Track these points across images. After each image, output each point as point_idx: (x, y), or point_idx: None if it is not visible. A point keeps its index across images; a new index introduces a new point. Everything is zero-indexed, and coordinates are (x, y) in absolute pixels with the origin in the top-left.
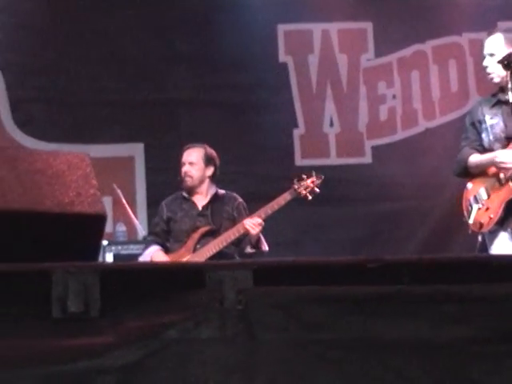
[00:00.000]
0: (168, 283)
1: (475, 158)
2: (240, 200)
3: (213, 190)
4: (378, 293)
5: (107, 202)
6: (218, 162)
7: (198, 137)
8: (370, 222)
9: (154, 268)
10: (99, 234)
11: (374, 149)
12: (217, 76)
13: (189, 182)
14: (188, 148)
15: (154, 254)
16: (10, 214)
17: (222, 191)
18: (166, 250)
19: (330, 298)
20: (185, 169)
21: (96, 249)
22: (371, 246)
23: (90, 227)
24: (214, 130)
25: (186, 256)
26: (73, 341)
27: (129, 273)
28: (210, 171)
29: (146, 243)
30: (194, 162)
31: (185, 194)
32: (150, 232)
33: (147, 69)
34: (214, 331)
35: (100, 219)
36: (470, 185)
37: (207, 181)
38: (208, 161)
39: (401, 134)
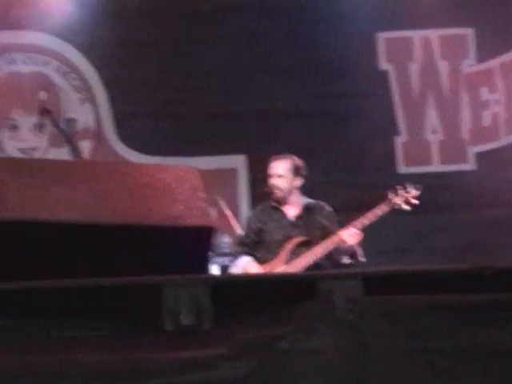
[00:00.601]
0: (278, 294)
1: None
2: (329, 209)
3: (302, 200)
4: (491, 301)
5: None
6: (305, 171)
7: (300, 146)
8: (474, 228)
9: (264, 279)
10: (208, 246)
11: (478, 155)
12: (317, 85)
13: (278, 194)
14: (275, 160)
15: (246, 264)
16: (120, 227)
17: (310, 201)
18: (257, 261)
19: (441, 307)
20: (273, 181)
21: (205, 261)
22: (475, 253)
23: (199, 240)
24: (316, 139)
25: (280, 267)
26: (185, 353)
27: (240, 284)
28: (298, 182)
29: (236, 254)
30: (281, 174)
31: (274, 205)
32: (240, 243)
33: (248, 80)
34: (325, 341)
35: (208, 231)
36: None
37: (296, 191)
38: (296, 172)
39: (505, 140)
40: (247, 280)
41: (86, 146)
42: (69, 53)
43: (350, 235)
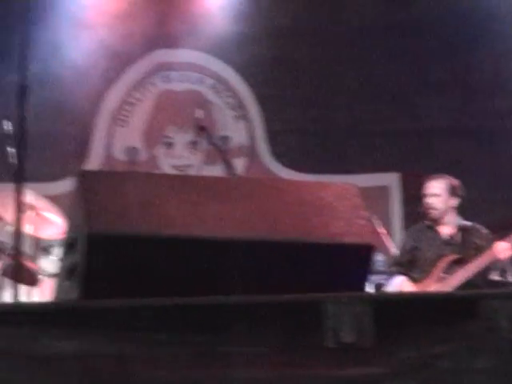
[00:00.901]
0: (439, 312)
1: None
2: (486, 231)
3: (458, 220)
4: None
5: None
6: (462, 192)
7: (454, 165)
8: None
9: (424, 297)
10: (367, 264)
11: None
12: (473, 103)
13: (433, 214)
14: (431, 179)
15: (401, 284)
16: (280, 244)
17: (467, 222)
18: (411, 280)
19: None
20: (428, 201)
21: (363, 279)
22: None
23: (358, 258)
24: (470, 157)
25: (433, 285)
26: (346, 371)
27: (400, 302)
28: (454, 202)
29: (391, 274)
30: (437, 193)
31: (429, 224)
32: (395, 263)
33: (401, 97)
34: (488, 361)
35: (368, 250)
36: None
37: (452, 211)
38: (452, 191)
39: None
40: (408, 298)
41: (239, 164)
42: (223, 71)
43: (503, 249)
